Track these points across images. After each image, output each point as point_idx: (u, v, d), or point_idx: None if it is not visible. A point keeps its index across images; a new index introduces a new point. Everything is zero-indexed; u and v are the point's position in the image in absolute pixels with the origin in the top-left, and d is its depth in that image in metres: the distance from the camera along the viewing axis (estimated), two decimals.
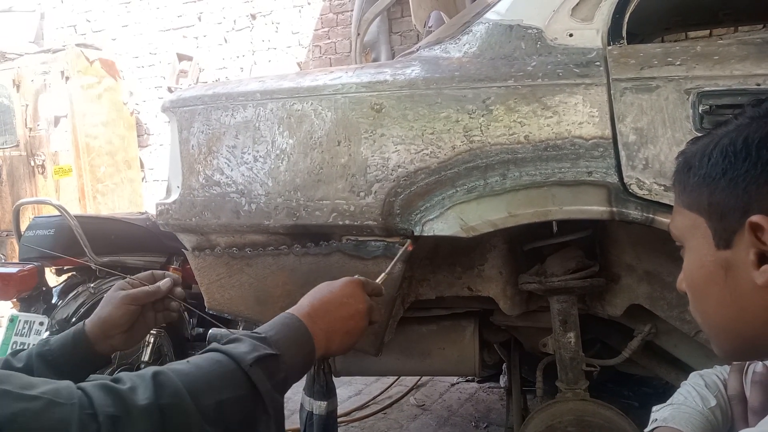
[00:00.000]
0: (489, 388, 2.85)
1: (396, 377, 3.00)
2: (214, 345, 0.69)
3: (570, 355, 1.38)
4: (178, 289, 1.01)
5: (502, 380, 2.85)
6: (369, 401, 2.80)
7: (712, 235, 0.60)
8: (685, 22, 2.49)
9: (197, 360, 0.65)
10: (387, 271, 1.10)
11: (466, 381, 2.99)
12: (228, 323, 2.23)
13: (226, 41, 5.53)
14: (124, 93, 5.57)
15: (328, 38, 5.21)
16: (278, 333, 0.75)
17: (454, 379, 3.00)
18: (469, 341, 1.61)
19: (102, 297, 1.98)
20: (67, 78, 5.01)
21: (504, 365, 2.59)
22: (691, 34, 3.11)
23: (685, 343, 1.43)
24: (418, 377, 2.98)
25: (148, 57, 5.80)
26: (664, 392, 2.67)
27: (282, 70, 5.25)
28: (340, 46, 5.14)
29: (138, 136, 5.72)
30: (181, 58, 5.39)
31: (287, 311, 0.83)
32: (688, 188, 0.63)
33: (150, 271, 1.03)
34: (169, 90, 5.32)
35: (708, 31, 3.46)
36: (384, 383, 3.00)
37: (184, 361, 0.66)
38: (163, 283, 0.98)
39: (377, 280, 1.02)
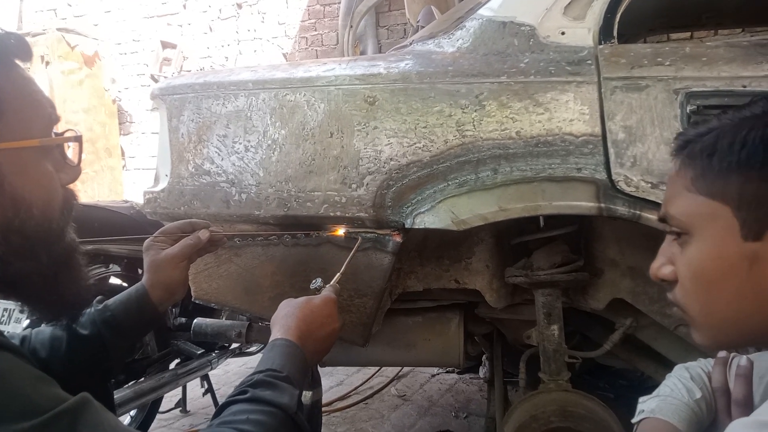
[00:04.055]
0: (470, 379, 2.89)
1: (377, 368, 3.02)
2: (260, 395, 0.78)
3: (553, 347, 1.41)
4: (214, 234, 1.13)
5: (482, 371, 2.89)
6: (350, 391, 2.82)
7: (739, 226, 0.57)
8: (669, 23, 2.53)
9: (257, 417, 0.74)
10: (341, 271, 1.14)
11: (446, 372, 3.03)
12: (212, 312, 2.23)
13: (211, 30, 5.48)
14: (105, 80, 5.48)
15: (315, 30, 5.18)
16: (292, 367, 0.86)
17: (435, 370, 3.04)
18: (454, 333, 1.63)
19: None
20: (48, 63, 4.91)
21: (484, 357, 2.64)
22: (673, 36, 3.17)
23: (665, 336, 1.47)
24: (399, 368, 3.01)
25: (131, 44, 5.71)
26: (639, 384, 2.72)
27: (268, 60, 5.22)
28: (326, 38, 5.12)
29: (119, 123, 5.63)
30: (165, 45, 5.32)
31: (285, 337, 0.91)
32: (710, 174, 0.60)
33: (189, 220, 1.13)
34: (152, 78, 5.26)
35: (689, 33, 3.54)
36: (365, 374, 3.02)
37: (244, 417, 0.73)
38: (202, 233, 1.09)
39: (332, 281, 1.09)
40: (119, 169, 5.62)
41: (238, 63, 5.35)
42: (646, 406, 0.78)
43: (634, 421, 0.79)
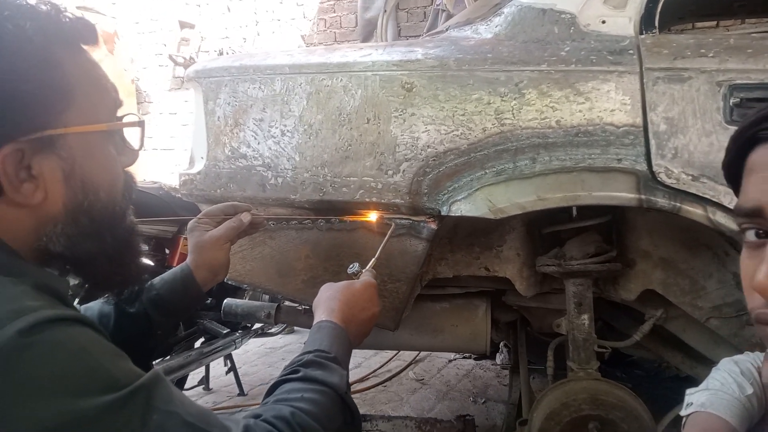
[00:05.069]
0: (492, 365, 2.91)
1: (395, 352, 3.05)
2: (311, 374, 0.80)
3: (583, 336, 1.42)
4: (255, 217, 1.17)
5: (499, 358, 2.91)
6: (369, 374, 2.85)
7: None
8: (698, 11, 2.50)
9: (311, 396, 0.76)
10: (376, 256, 1.16)
11: (463, 358, 3.05)
12: (235, 292, 2.25)
13: (229, 10, 5.45)
14: (124, 59, 5.49)
15: (334, 12, 5.15)
16: (338, 348, 0.88)
17: (452, 355, 3.07)
18: (481, 320, 1.64)
19: None
20: None
21: (501, 344, 2.65)
22: (698, 25, 3.12)
23: (693, 328, 1.48)
24: (417, 352, 3.04)
25: (149, 23, 5.70)
26: (655, 374, 2.72)
27: (286, 42, 5.20)
28: (345, 20, 5.08)
29: (137, 103, 5.65)
30: (183, 25, 5.31)
31: (329, 319, 0.93)
32: None
33: (231, 203, 1.17)
34: (171, 58, 5.25)
35: (715, 23, 3.48)
36: (383, 357, 3.06)
37: (299, 396, 0.75)
38: (244, 216, 1.13)
39: (368, 266, 1.12)
40: None
41: (256, 45, 5.33)
42: (695, 398, 0.78)
43: (683, 414, 0.79)
